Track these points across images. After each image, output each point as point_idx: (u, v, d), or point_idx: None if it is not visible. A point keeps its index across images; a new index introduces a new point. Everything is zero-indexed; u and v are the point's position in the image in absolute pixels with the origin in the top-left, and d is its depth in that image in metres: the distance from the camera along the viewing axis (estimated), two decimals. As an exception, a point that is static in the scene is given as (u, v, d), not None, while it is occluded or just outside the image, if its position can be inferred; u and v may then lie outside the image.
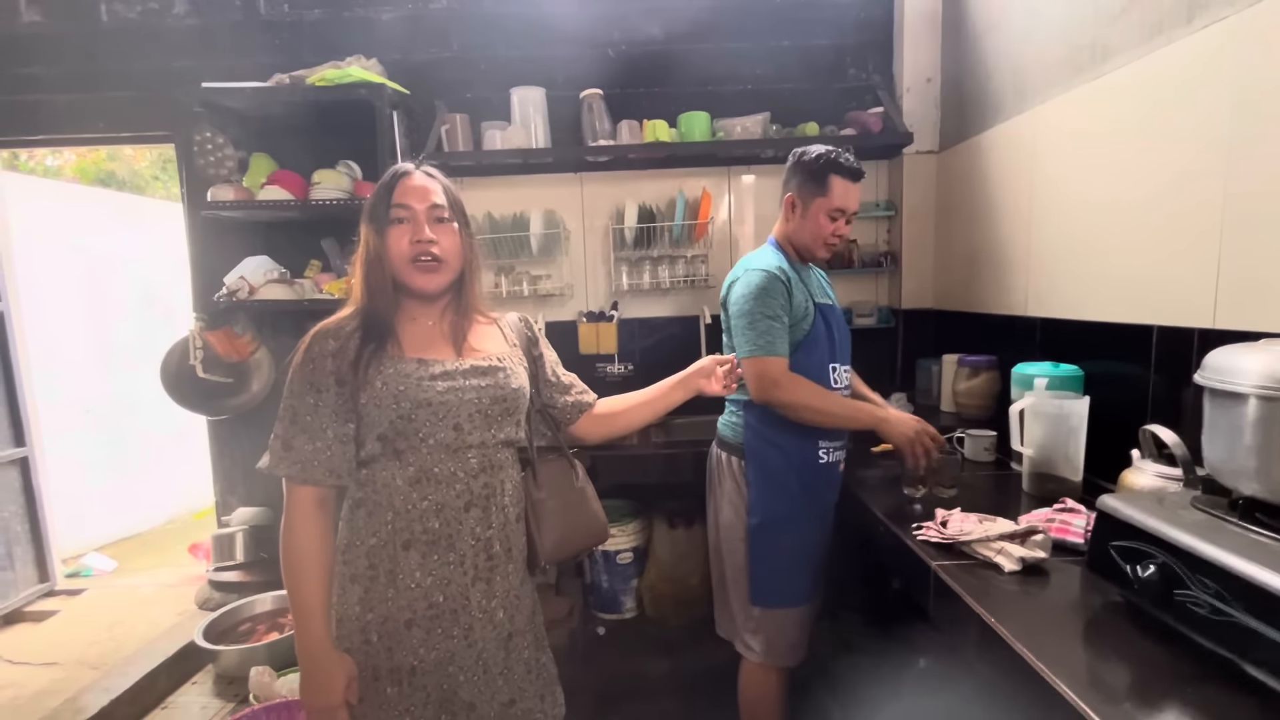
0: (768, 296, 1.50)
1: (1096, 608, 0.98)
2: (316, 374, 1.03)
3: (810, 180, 1.57)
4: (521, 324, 1.28)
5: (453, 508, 1.06)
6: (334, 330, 1.07)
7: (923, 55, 2.40)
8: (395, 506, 1.05)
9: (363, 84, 2.15)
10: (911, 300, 2.49)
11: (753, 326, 1.50)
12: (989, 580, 1.10)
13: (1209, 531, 0.84)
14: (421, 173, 1.10)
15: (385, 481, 1.05)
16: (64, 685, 2.18)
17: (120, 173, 6.20)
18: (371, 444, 1.05)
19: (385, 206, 1.07)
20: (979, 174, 2.12)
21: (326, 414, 1.03)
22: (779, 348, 1.50)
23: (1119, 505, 0.95)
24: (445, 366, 1.08)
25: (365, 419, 1.04)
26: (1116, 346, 1.52)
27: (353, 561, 1.07)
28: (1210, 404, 0.92)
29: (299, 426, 1.03)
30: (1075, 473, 1.44)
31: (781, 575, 1.59)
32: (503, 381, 1.12)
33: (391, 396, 1.03)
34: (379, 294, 1.08)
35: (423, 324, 1.12)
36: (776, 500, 1.57)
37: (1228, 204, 1.22)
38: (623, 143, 2.36)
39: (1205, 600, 0.79)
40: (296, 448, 1.02)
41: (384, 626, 1.05)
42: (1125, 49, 1.47)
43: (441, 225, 1.08)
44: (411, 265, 1.06)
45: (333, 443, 1.03)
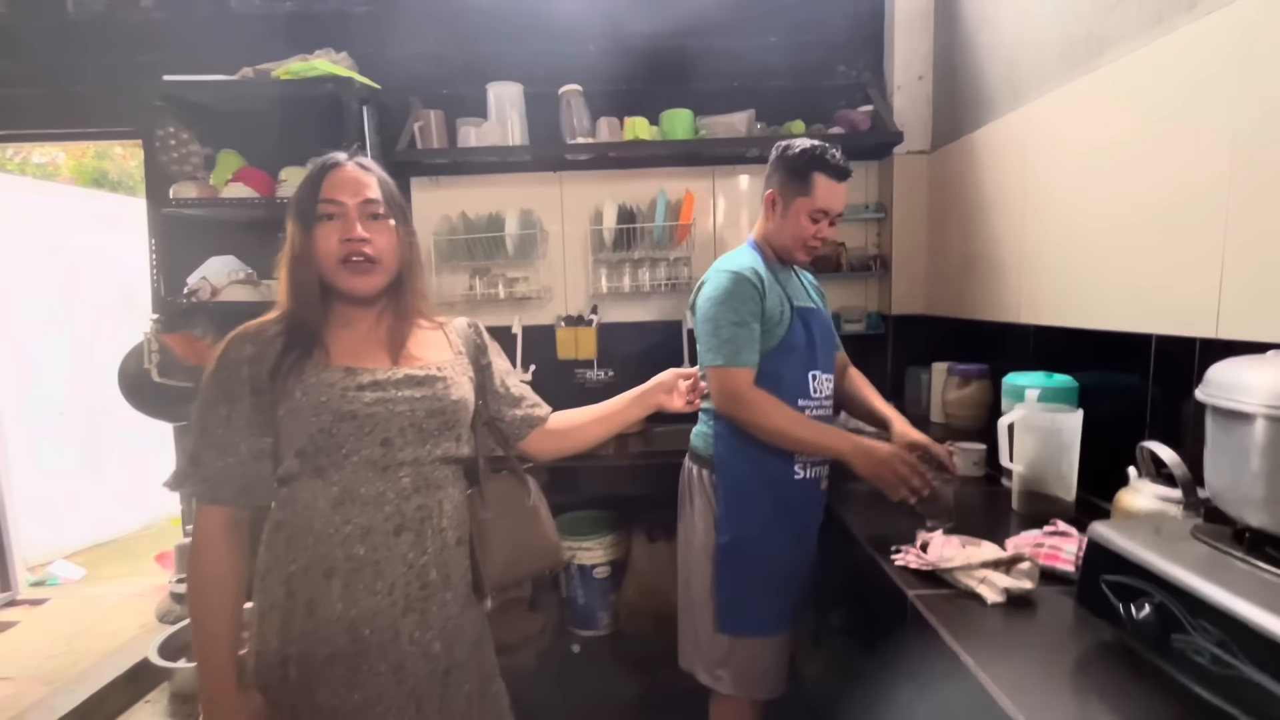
0: (736, 301, 1.40)
1: (1086, 647, 0.89)
2: (230, 382, 0.95)
3: (792, 177, 1.46)
4: (470, 330, 1.18)
5: (380, 532, 0.97)
6: (253, 334, 0.98)
7: (915, 52, 2.32)
8: (316, 530, 0.95)
9: (329, 78, 2.07)
10: (902, 306, 2.39)
11: (717, 334, 1.40)
12: (970, 612, 1.00)
13: (1212, 568, 0.75)
14: (354, 164, 1.01)
15: (306, 502, 0.96)
16: (15, 702, 2.09)
17: (114, 173, 6.14)
18: (290, 460, 0.95)
19: (312, 201, 0.97)
20: (971, 174, 2.02)
21: (240, 427, 0.94)
22: (744, 358, 1.40)
23: (1112, 535, 0.85)
24: (375, 376, 0.99)
25: (283, 433, 0.95)
26: (1113, 356, 1.43)
27: (271, 589, 0.97)
28: (1213, 423, 0.83)
29: (209, 440, 0.94)
30: (1068, 491, 1.35)
31: (751, 600, 1.47)
32: (441, 392, 1.03)
33: (311, 408, 0.94)
34: (304, 297, 0.98)
35: (357, 329, 1.03)
36: (748, 518, 1.46)
37: (1232, 204, 1.12)
38: (602, 140, 2.28)
39: (1206, 648, 0.70)
40: (205, 463, 0.94)
41: (304, 662, 0.95)
42: (1123, 39, 1.38)
43: (376, 222, 1.00)
44: (341, 266, 0.97)
45: (245, 459, 0.95)
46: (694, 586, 1.55)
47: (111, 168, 6.11)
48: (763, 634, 1.49)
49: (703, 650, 1.54)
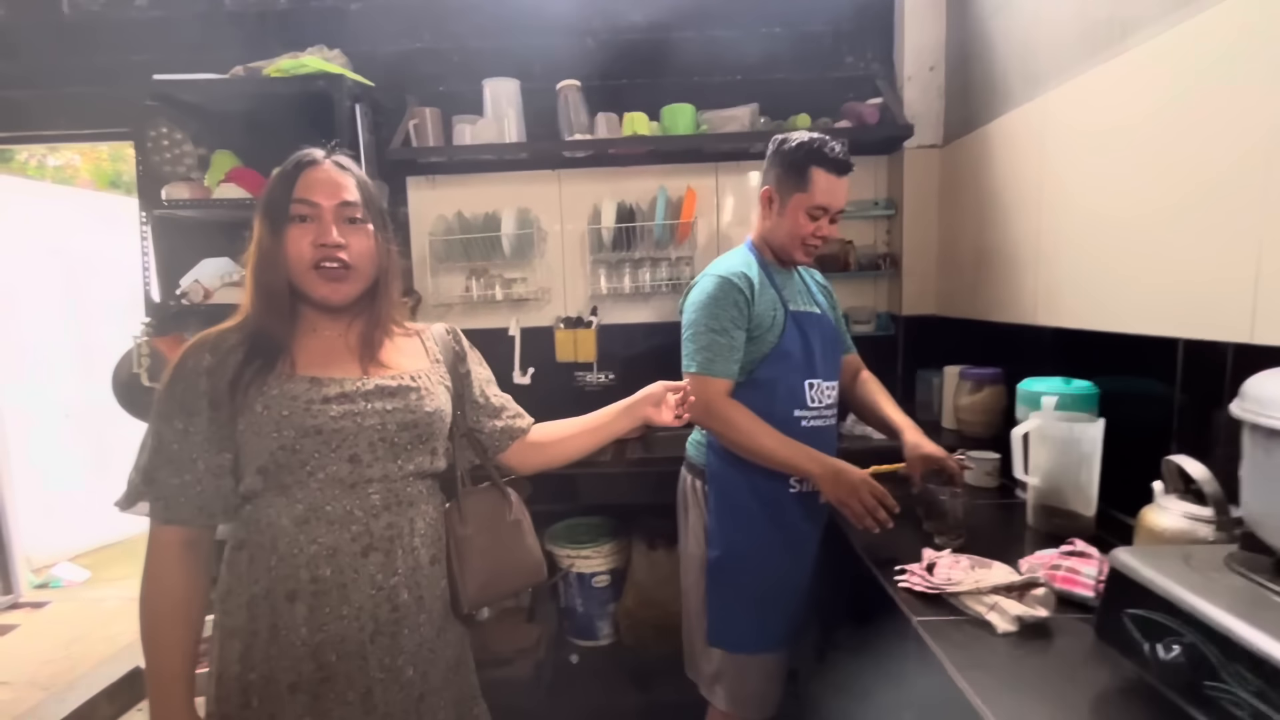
0: (717, 307, 1.35)
1: (1105, 684, 0.81)
2: (187, 395, 0.89)
3: (789, 172, 1.38)
4: (449, 337, 1.13)
5: (347, 552, 0.91)
6: (211, 343, 0.92)
7: (926, 41, 2.22)
8: (280, 550, 0.90)
9: (320, 75, 2.02)
10: (912, 306, 2.30)
11: (695, 340, 1.36)
12: (979, 641, 0.93)
13: (1250, 606, 0.67)
14: (331, 163, 0.95)
15: (269, 521, 0.90)
16: (11, 707, 2.07)
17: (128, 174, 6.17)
18: (251, 478, 0.90)
19: (285, 201, 0.91)
20: (986, 169, 1.93)
21: (197, 442, 0.89)
22: (718, 368, 1.35)
23: (1137, 565, 0.77)
24: (343, 387, 0.93)
25: (243, 449, 0.90)
26: (1137, 362, 1.34)
27: (232, 613, 0.92)
28: (1251, 442, 0.74)
29: (164, 456, 0.89)
30: (1088, 506, 1.26)
31: (742, 615, 1.41)
32: (414, 404, 0.97)
33: (272, 423, 0.88)
34: (271, 303, 0.92)
35: (325, 337, 0.97)
36: (738, 531, 1.40)
37: (1269, 197, 1.03)
38: (601, 137, 2.21)
39: (1244, 700, 0.62)
40: (159, 481, 0.88)
41: (266, 689, 0.90)
42: (1148, 22, 1.28)
43: (352, 226, 0.94)
44: (313, 272, 0.92)
45: (204, 475, 0.89)
46: (691, 598, 1.50)
47: (126, 169, 6.15)
48: (754, 651, 1.43)
49: (699, 663, 1.50)
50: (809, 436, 1.39)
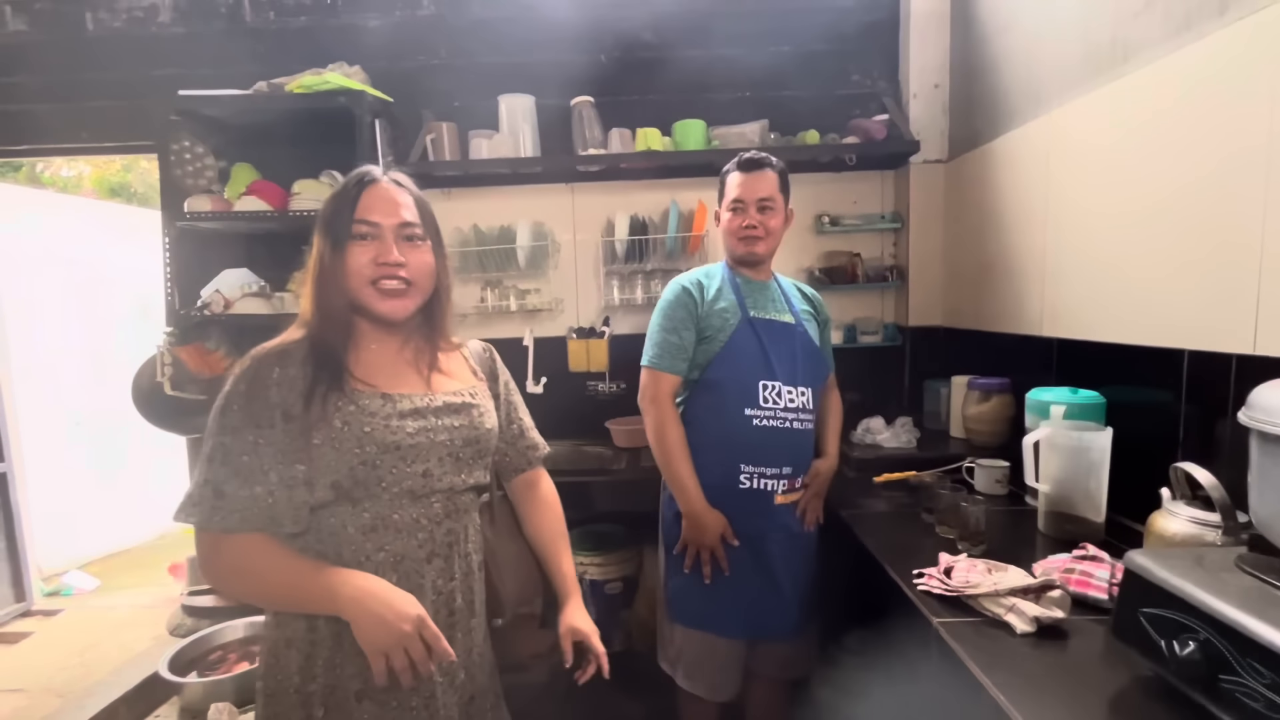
0: (670, 309, 1.53)
1: (1123, 682, 0.84)
2: (257, 407, 0.88)
3: (718, 192, 1.62)
4: (486, 355, 1.15)
5: (413, 559, 0.93)
6: (278, 356, 0.92)
7: (930, 59, 2.28)
8: (344, 558, 0.91)
9: (342, 91, 2.07)
10: (919, 317, 2.35)
11: (651, 338, 1.55)
12: (998, 642, 0.96)
13: (1261, 604, 0.71)
14: (390, 182, 0.97)
15: (334, 530, 0.91)
16: (27, 714, 2.09)
17: (135, 184, 6.22)
18: (324, 490, 0.90)
19: (347, 219, 0.93)
20: (990, 184, 1.98)
21: (269, 454, 0.87)
22: (666, 363, 1.51)
23: (1151, 565, 0.81)
24: (414, 403, 0.96)
25: (317, 462, 0.89)
26: (1143, 372, 1.38)
27: (287, 624, 0.92)
28: (1259, 449, 0.78)
29: (232, 469, 0.87)
30: (1097, 513, 1.30)
31: (698, 592, 1.54)
32: (476, 420, 1.01)
33: (354, 439, 0.89)
34: (331, 318, 0.94)
35: (384, 351, 0.99)
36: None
37: (1269, 213, 1.08)
38: (614, 152, 2.26)
39: (1258, 691, 0.65)
40: (230, 494, 0.87)
41: (330, 699, 0.90)
42: (1149, 45, 1.34)
43: (411, 244, 0.96)
44: (372, 288, 0.94)
45: (276, 487, 0.88)
46: (659, 583, 1.67)
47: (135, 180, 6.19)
48: (709, 630, 1.55)
49: (663, 641, 1.66)
50: (761, 435, 1.49)
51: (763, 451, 1.50)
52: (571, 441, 2.40)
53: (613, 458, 2.27)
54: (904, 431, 1.92)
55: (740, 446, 1.49)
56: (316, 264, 0.95)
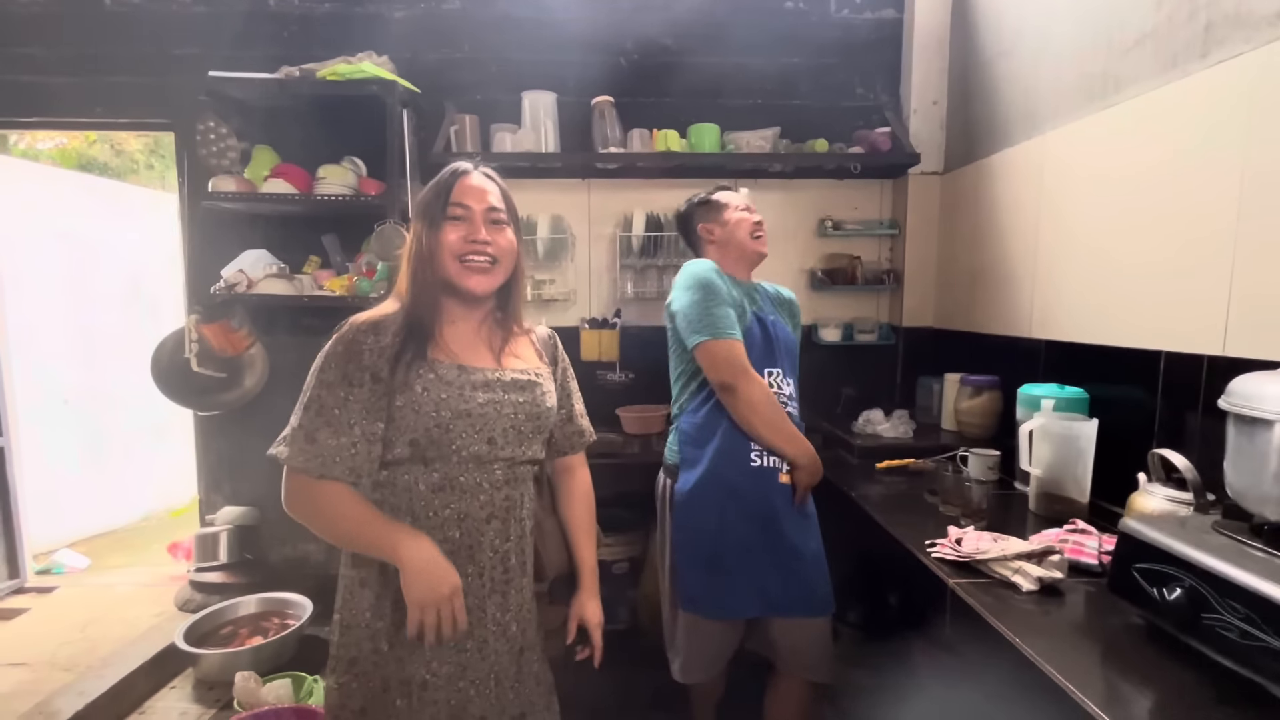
0: (712, 287, 1.54)
1: (1117, 629, 0.99)
2: (351, 367, 0.99)
3: (704, 208, 1.71)
4: (550, 341, 1.24)
5: (475, 518, 1.04)
6: (374, 325, 1.02)
7: (930, 77, 2.44)
8: (415, 512, 1.02)
9: (375, 80, 2.13)
10: (912, 318, 2.51)
11: (704, 315, 1.51)
12: (1006, 599, 1.10)
13: (1235, 556, 0.85)
14: (480, 173, 1.08)
15: (407, 486, 1.02)
16: (32, 687, 2.09)
17: (102, 157, 6.03)
18: (401, 448, 1.01)
19: (442, 203, 1.04)
20: (985, 196, 2.15)
21: (357, 410, 0.98)
22: (735, 330, 1.51)
23: (1143, 528, 0.95)
24: (486, 376, 1.06)
25: (398, 422, 1.00)
26: (1123, 371, 1.54)
27: (363, 565, 1.03)
28: (1235, 430, 0.93)
29: (324, 419, 0.98)
30: (1083, 494, 1.46)
31: (706, 578, 1.57)
32: (539, 398, 1.10)
33: (432, 404, 1.00)
34: (426, 292, 1.04)
35: (463, 328, 1.09)
36: (703, 506, 1.56)
37: (1241, 234, 1.24)
38: (633, 150, 2.36)
39: (1234, 624, 0.80)
40: (320, 441, 0.97)
41: (396, 636, 1.01)
42: (1138, 80, 1.50)
43: (497, 227, 1.07)
44: (462, 264, 1.04)
45: (359, 440, 0.99)
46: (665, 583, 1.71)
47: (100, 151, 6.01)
48: (721, 615, 1.59)
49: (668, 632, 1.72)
50: None
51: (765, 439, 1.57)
52: (582, 428, 2.49)
53: (622, 443, 2.37)
54: (901, 423, 2.07)
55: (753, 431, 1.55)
56: (414, 243, 1.06)
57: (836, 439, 2.15)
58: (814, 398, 2.45)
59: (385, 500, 1.03)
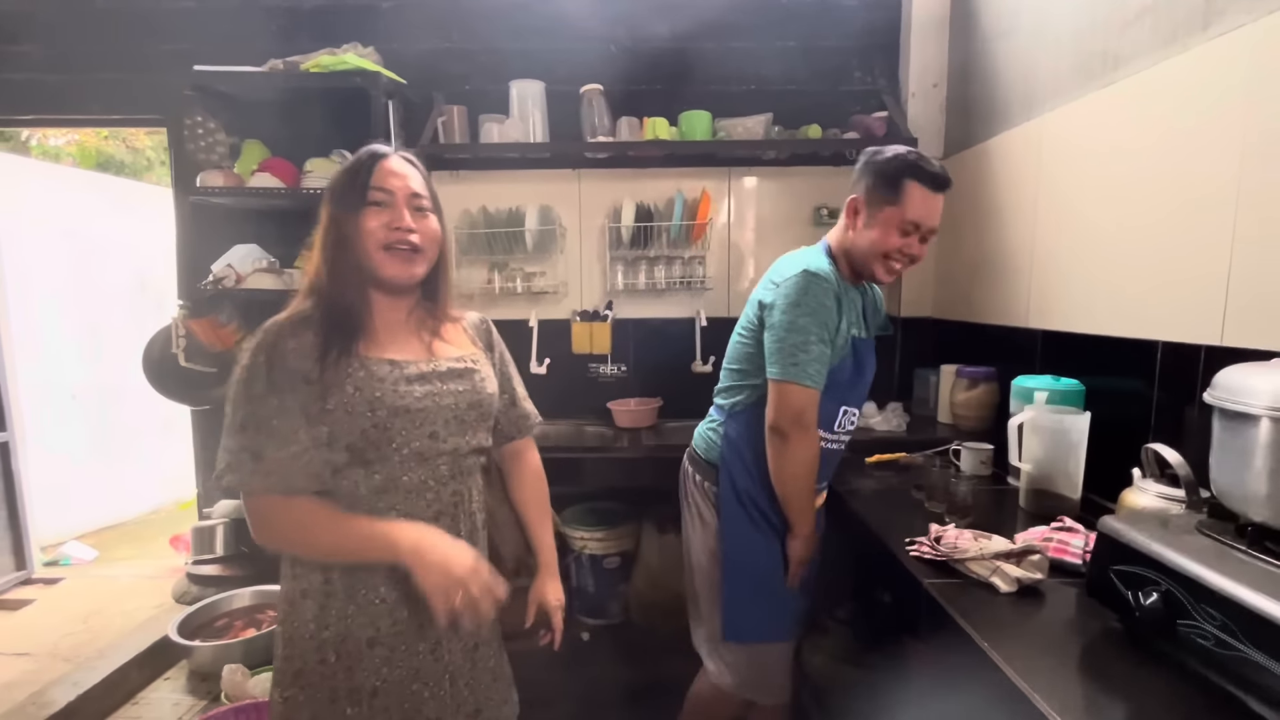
0: (823, 312, 1.31)
1: (1094, 634, 0.94)
2: (279, 374, 0.92)
3: (881, 183, 1.34)
4: (483, 326, 1.19)
5: (421, 518, 0.99)
6: (292, 326, 0.96)
7: (929, 60, 2.37)
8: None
9: (358, 71, 2.11)
10: (911, 309, 2.45)
11: (806, 349, 1.30)
12: (983, 601, 1.06)
13: (1215, 559, 0.80)
14: (400, 157, 1.03)
15: (348, 491, 0.96)
16: (34, 677, 2.13)
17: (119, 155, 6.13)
18: (338, 453, 0.95)
19: (361, 188, 0.97)
20: (985, 181, 2.08)
21: (296, 415, 0.92)
22: (820, 379, 1.32)
23: (1121, 528, 0.91)
24: (420, 368, 1.01)
25: (331, 427, 0.94)
26: (1119, 362, 1.48)
27: (304, 575, 0.98)
28: (1220, 425, 0.88)
29: (266, 433, 0.91)
30: (1074, 490, 1.40)
31: (756, 607, 1.45)
32: (478, 385, 1.06)
33: (366, 403, 0.94)
34: (346, 284, 0.98)
35: (389, 319, 1.04)
36: (757, 533, 1.44)
37: (1240, 216, 1.18)
38: (622, 140, 2.32)
39: (1210, 632, 0.75)
40: (268, 457, 0.91)
41: (343, 645, 0.97)
42: (1138, 56, 1.43)
43: (420, 214, 1.01)
44: (386, 252, 0.98)
45: (308, 445, 0.93)
46: (701, 597, 1.53)
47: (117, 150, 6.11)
48: (769, 640, 1.48)
49: (717, 649, 1.53)
50: (825, 457, 1.43)
51: (822, 471, 1.44)
52: (573, 421, 2.48)
53: (613, 437, 2.35)
54: (894, 416, 2.02)
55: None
56: (329, 231, 0.99)
57: (828, 432, 2.10)
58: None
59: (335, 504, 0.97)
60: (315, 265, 1.00)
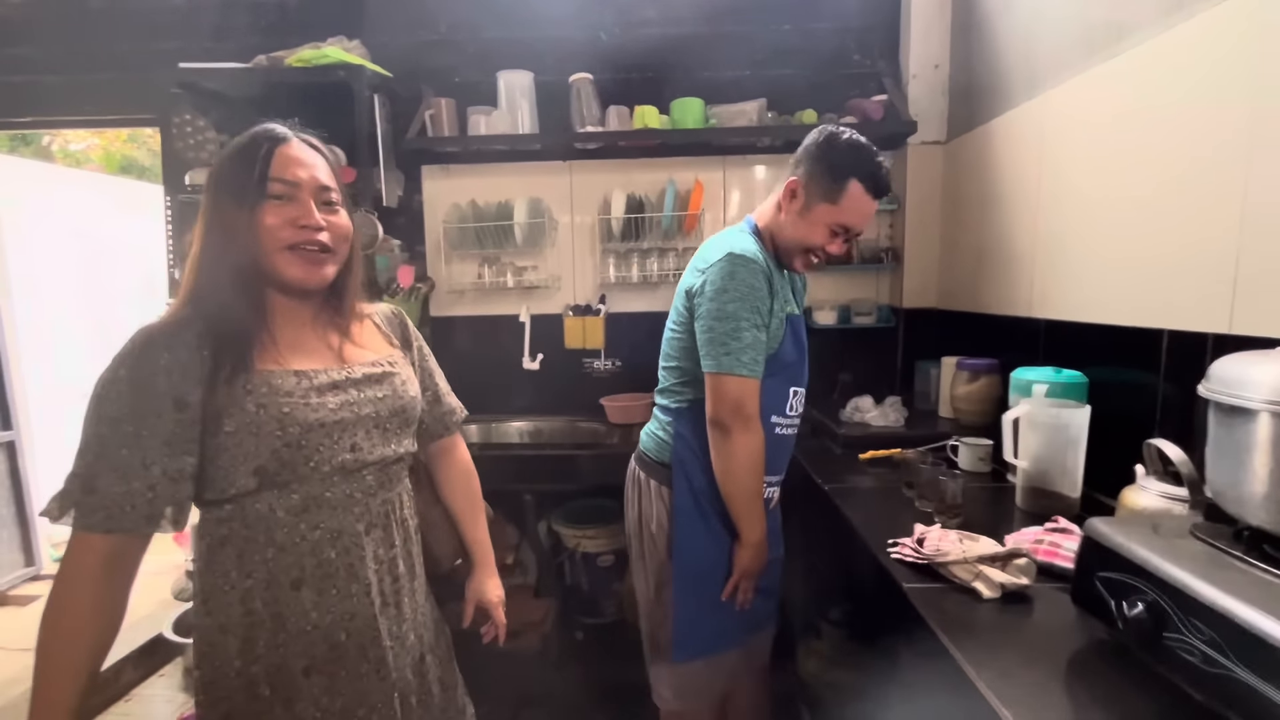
0: (754, 296, 1.23)
1: (1080, 645, 0.88)
2: (143, 396, 0.79)
3: (825, 177, 1.28)
4: (396, 319, 1.10)
5: (351, 533, 0.91)
6: (166, 339, 0.82)
7: (931, 40, 2.27)
8: (277, 541, 0.87)
9: (341, 65, 2.08)
10: (913, 299, 2.36)
11: (730, 333, 1.23)
12: (964, 607, 1.00)
13: (1207, 566, 0.73)
14: (301, 141, 0.90)
15: (260, 514, 0.86)
16: (37, 672, 2.16)
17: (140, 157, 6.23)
18: (244, 479, 0.84)
19: (259, 179, 0.83)
20: (987, 165, 1.98)
21: (153, 445, 0.80)
22: (758, 367, 1.25)
23: (1107, 531, 0.84)
24: (332, 376, 0.91)
25: (232, 451, 0.83)
26: (1124, 352, 1.40)
27: (219, 610, 0.87)
28: (1215, 419, 0.81)
29: (108, 462, 0.79)
30: (1073, 488, 1.33)
31: (707, 622, 1.36)
32: (399, 389, 0.98)
33: (274, 421, 0.84)
34: (238, 288, 0.86)
35: (291, 325, 0.92)
36: (713, 542, 1.35)
37: (1249, 195, 1.09)
38: (612, 130, 2.27)
39: (1197, 647, 0.68)
40: (101, 490, 0.79)
41: (276, 677, 0.88)
42: (1143, 25, 1.34)
43: (329, 208, 0.90)
44: (290, 253, 0.86)
45: (159, 481, 0.80)
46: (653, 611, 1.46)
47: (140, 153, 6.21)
48: (719, 652, 1.41)
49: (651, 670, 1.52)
50: (779, 443, 1.38)
51: (777, 460, 1.38)
52: (566, 417, 2.44)
53: (606, 433, 2.31)
54: (892, 410, 1.95)
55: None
56: (214, 229, 0.85)
57: (823, 428, 2.04)
58: (809, 386, 2.33)
59: (235, 534, 0.86)
60: (195, 266, 0.86)
